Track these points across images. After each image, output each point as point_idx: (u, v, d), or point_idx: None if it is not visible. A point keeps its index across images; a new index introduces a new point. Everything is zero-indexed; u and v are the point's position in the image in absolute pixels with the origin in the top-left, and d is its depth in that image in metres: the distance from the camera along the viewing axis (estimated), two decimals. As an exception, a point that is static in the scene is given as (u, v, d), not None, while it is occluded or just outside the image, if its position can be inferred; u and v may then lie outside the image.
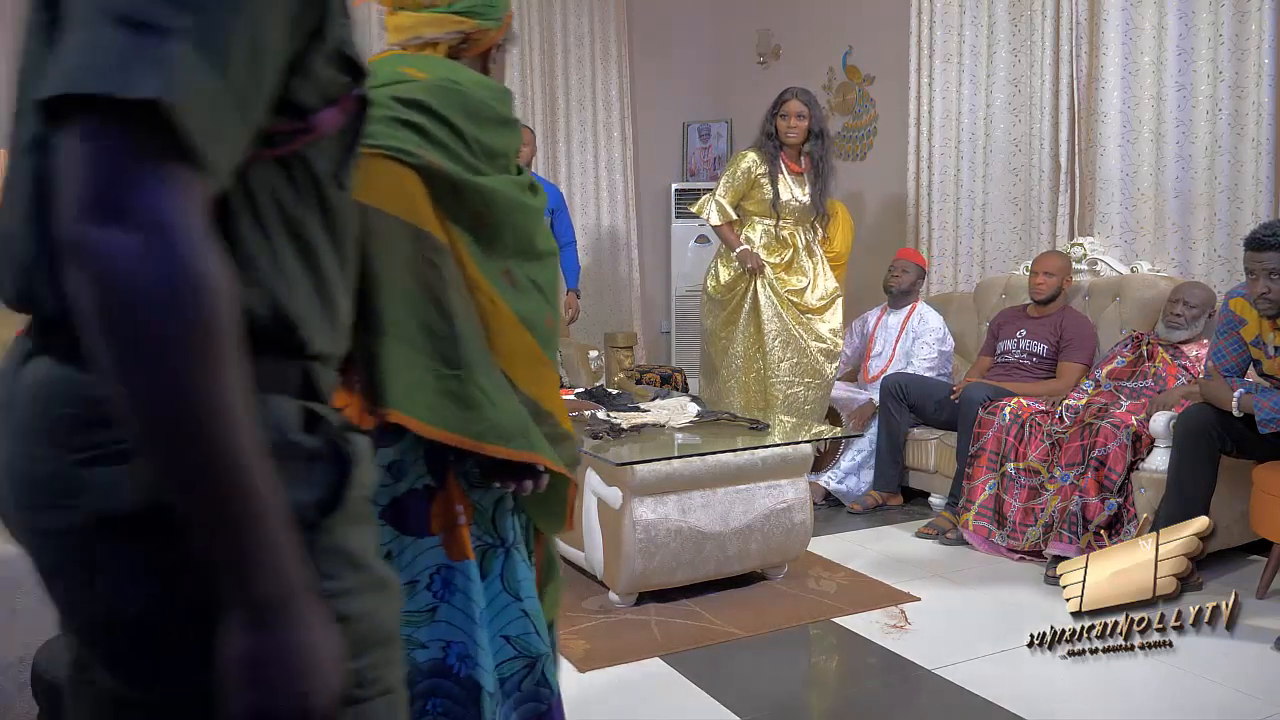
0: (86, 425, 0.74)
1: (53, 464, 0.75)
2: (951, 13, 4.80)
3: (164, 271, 0.63)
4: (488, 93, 1.41)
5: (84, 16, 0.66)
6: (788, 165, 4.27)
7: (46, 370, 0.76)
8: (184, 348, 0.64)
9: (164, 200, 0.65)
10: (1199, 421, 3.06)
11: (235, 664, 0.70)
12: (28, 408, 0.77)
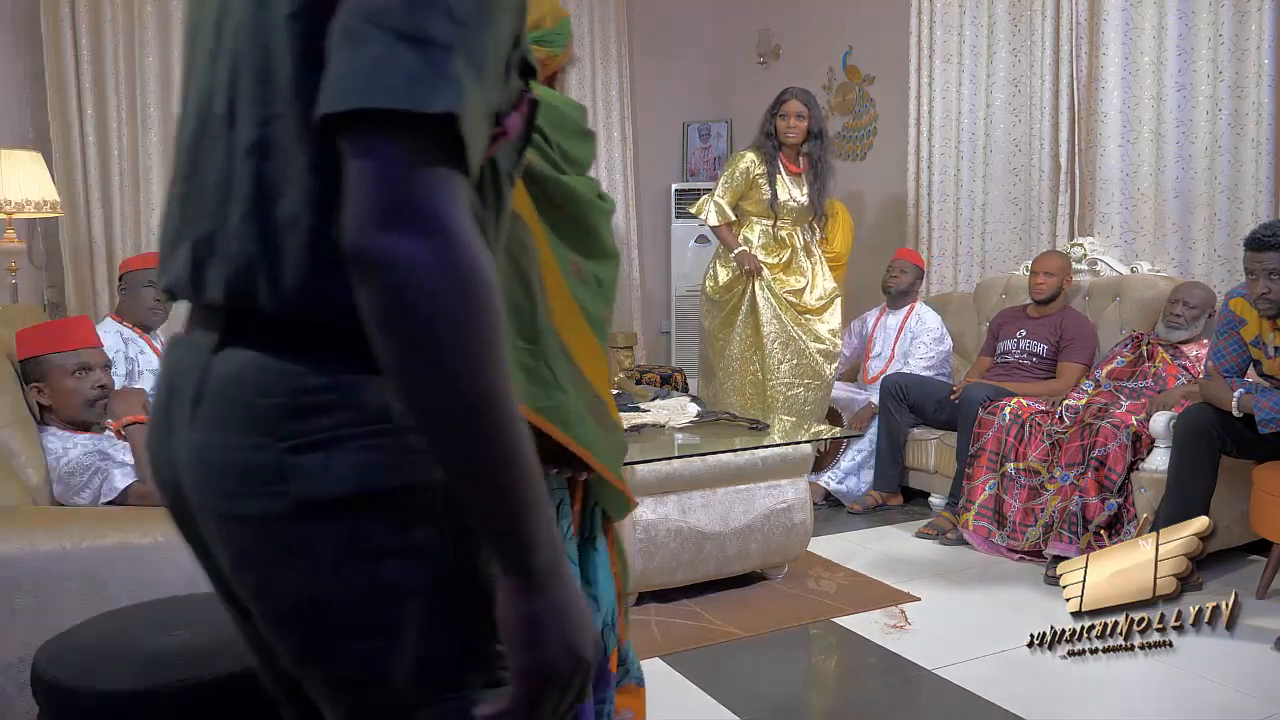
0: (294, 414, 0.77)
1: (258, 452, 0.78)
2: (951, 13, 4.80)
3: (456, 275, 0.68)
4: (570, 108, 1.55)
5: (365, 34, 0.69)
6: (786, 165, 4.27)
7: (249, 362, 0.79)
8: (474, 342, 0.69)
9: (450, 207, 0.69)
10: (1199, 421, 3.06)
11: (518, 626, 0.75)
12: (226, 399, 0.80)
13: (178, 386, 0.85)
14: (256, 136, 0.78)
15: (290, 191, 0.77)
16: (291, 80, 0.75)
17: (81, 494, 2.03)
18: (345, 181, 0.70)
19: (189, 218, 0.85)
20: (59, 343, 2.23)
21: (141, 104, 5.15)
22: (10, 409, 2.15)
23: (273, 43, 0.77)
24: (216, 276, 0.81)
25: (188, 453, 0.83)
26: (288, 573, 0.80)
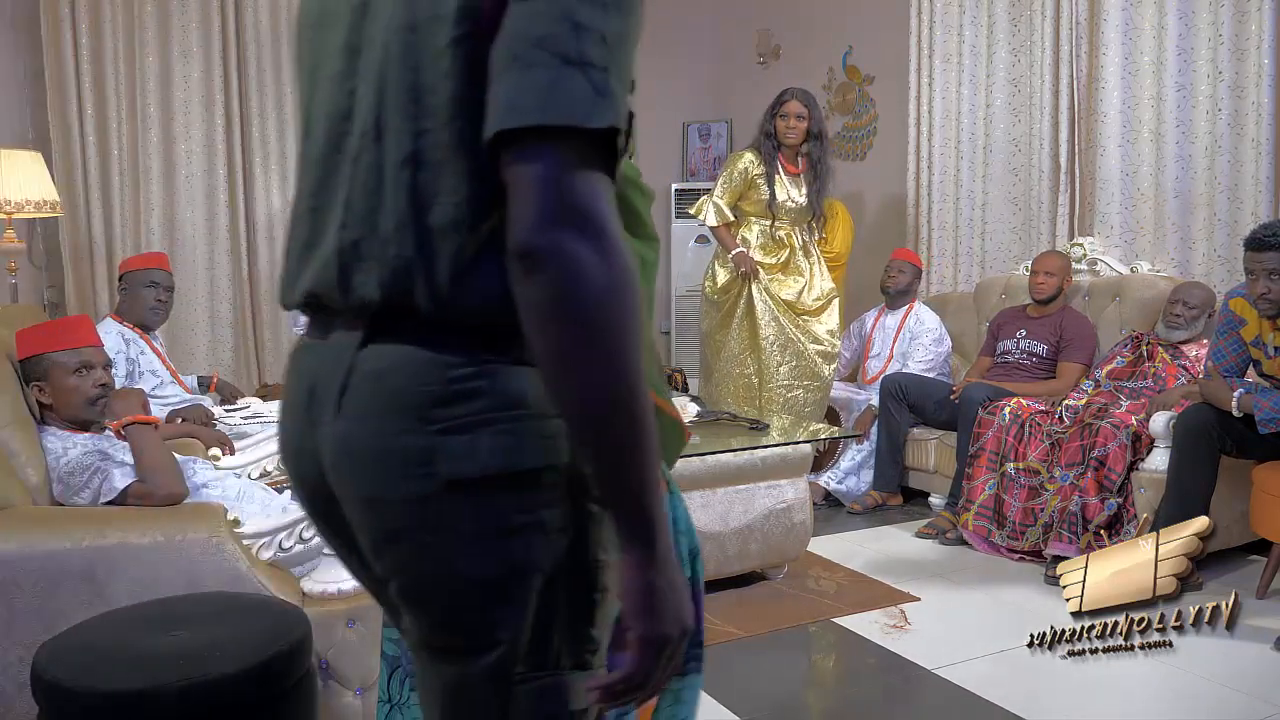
0: (444, 401, 0.84)
1: (409, 436, 0.85)
2: (951, 13, 4.80)
3: (614, 272, 0.77)
4: None
5: (533, 58, 0.78)
6: (785, 166, 4.26)
7: (401, 354, 0.86)
8: (628, 333, 0.77)
9: (607, 210, 0.79)
10: (1199, 421, 3.06)
11: (640, 595, 0.82)
12: (376, 389, 0.87)
13: (320, 384, 0.91)
14: (410, 150, 0.86)
15: (444, 199, 0.85)
16: (450, 99, 0.83)
17: (81, 494, 2.03)
18: (512, 187, 0.79)
19: (323, 228, 0.92)
20: (60, 341, 2.23)
21: (141, 104, 5.15)
22: (10, 409, 2.15)
23: (427, 66, 0.84)
24: (369, 279, 0.88)
25: (333, 442, 0.89)
26: (430, 547, 0.87)
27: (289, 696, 1.66)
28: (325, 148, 0.94)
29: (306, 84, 0.99)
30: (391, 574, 0.91)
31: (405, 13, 0.86)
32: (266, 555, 2.01)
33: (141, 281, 3.31)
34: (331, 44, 0.94)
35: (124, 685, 1.50)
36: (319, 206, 0.93)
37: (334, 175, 0.92)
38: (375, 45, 0.89)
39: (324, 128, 0.94)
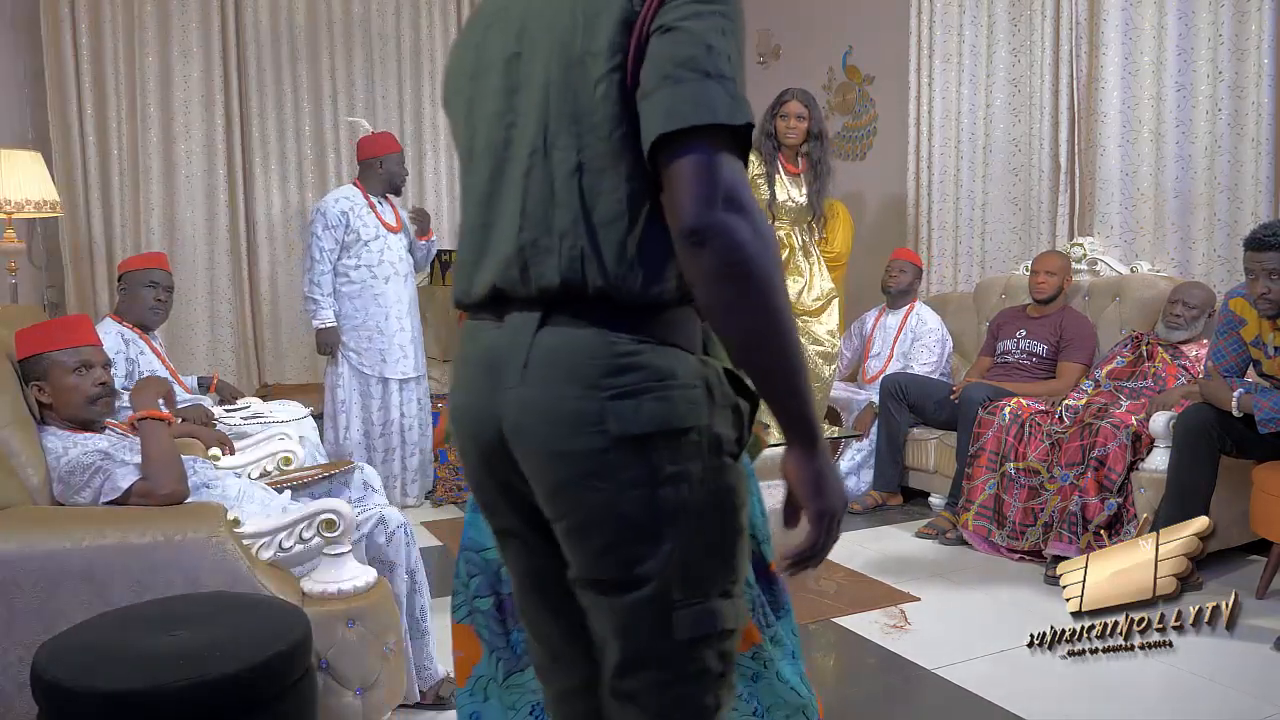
0: (612, 372, 1.04)
1: (585, 401, 1.04)
2: (951, 13, 4.80)
3: (764, 239, 0.99)
4: None
5: (681, 76, 0.98)
6: (785, 166, 4.26)
7: (575, 334, 1.07)
8: (779, 285, 1.00)
9: (748, 191, 1.01)
10: (1199, 421, 3.05)
11: (812, 480, 1.06)
12: (555, 362, 1.06)
13: (501, 358, 1.10)
14: (576, 162, 1.06)
15: (606, 197, 1.05)
16: (606, 117, 1.04)
17: (82, 493, 2.03)
18: (674, 179, 0.99)
19: (495, 238, 1.13)
20: (59, 341, 2.22)
21: (141, 104, 5.15)
22: (10, 409, 2.14)
23: (585, 93, 1.05)
24: (549, 269, 1.07)
25: (517, 406, 1.08)
26: (599, 493, 1.05)
27: (289, 696, 1.66)
28: (490, 174, 1.15)
29: (465, 126, 1.21)
30: (564, 515, 1.09)
31: (562, 54, 1.07)
32: (266, 555, 2.01)
33: (141, 281, 3.31)
34: (488, 89, 1.15)
35: (124, 685, 1.50)
36: (488, 222, 1.14)
37: (499, 195, 1.13)
38: (533, 84, 1.10)
39: (487, 159, 1.15)
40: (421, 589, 2.35)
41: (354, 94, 5.67)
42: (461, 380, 1.19)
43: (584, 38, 1.06)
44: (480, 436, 1.15)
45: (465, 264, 1.18)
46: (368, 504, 2.43)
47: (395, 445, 4.29)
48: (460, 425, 1.19)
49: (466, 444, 1.20)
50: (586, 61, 1.06)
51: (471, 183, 1.19)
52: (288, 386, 5.35)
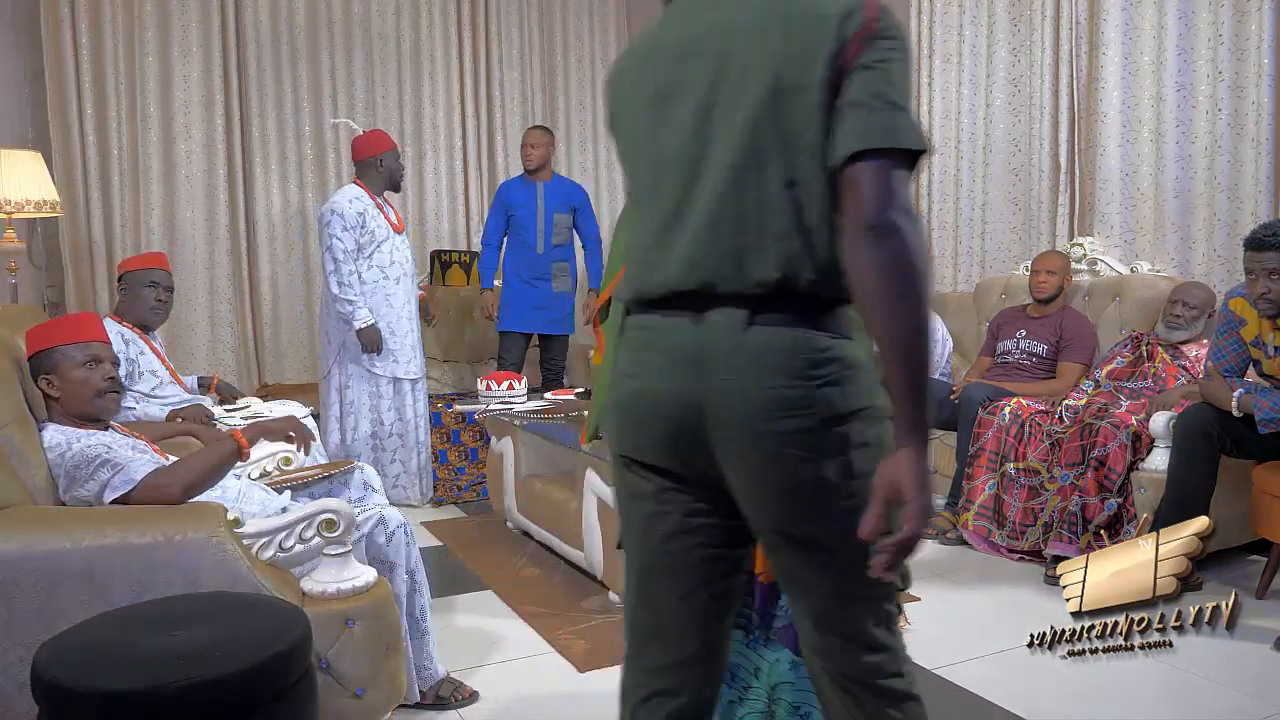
0: (816, 365, 1.24)
1: (794, 389, 1.24)
2: (951, 13, 4.80)
3: (922, 241, 1.19)
4: None
5: (873, 105, 1.19)
6: None
7: (782, 332, 1.25)
8: (928, 289, 1.19)
9: (911, 199, 1.21)
10: (1199, 421, 3.05)
11: (919, 479, 1.17)
12: (765, 357, 1.24)
13: (706, 351, 1.26)
14: (787, 177, 1.23)
15: (812, 205, 1.24)
16: (814, 138, 1.22)
17: (86, 485, 2.02)
18: (860, 186, 1.18)
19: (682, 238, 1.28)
20: (70, 335, 2.24)
21: (141, 103, 5.16)
22: (11, 408, 2.15)
23: (796, 117, 1.22)
24: (766, 267, 1.24)
25: (727, 394, 1.25)
26: (806, 463, 1.24)
27: (289, 697, 1.66)
28: (683, 185, 1.30)
29: (645, 143, 1.35)
30: (770, 485, 1.27)
31: (773, 84, 1.23)
32: (266, 555, 2.01)
33: (141, 281, 3.30)
34: (680, 111, 1.30)
35: (124, 685, 1.50)
36: (680, 226, 1.29)
37: (695, 204, 1.28)
38: (737, 108, 1.25)
39: (678, 172, 1.30)
40: (421, 589, 2.35)
41: (354, 94, 5.67)
42: (646, 369, 1.32)
43: (796, 71, 1.22)
44: (674, 419, 1.29)
45: (650, 264, 1.32)
46: (368, 504, 2.43)
47: (398, 446, 4.29)
48: (643, 409, 1.33)
49: (652, 425, 1.32)
50: (800, 92, 1.22)
51: (655, 193, 1.33)
52: (288, 386, 5.35)
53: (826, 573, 1.31)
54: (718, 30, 1.30)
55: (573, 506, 3.28)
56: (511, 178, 5.20)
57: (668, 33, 1.38)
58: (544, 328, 4.87)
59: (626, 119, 1.40)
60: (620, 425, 1.37)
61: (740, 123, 1.25)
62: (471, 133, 5.99)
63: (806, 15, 1.24)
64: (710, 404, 1.26)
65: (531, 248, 4.80)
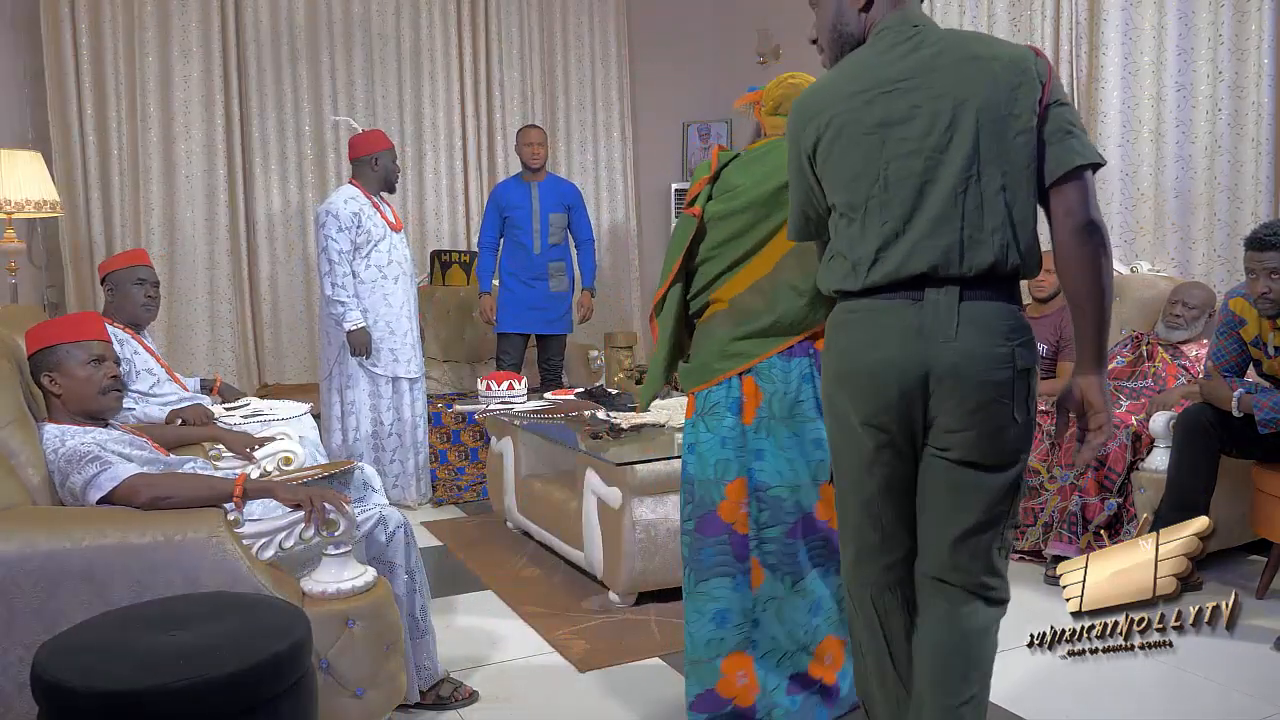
0: (1013, 330, 1.66)
1: (1001, 348, 1.65)
2: (951, 12, 4.80)
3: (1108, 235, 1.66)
4: None
5: (1070, 130, 1.64)
6: None
7: (990, 305, 1.66)
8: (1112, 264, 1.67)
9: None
10: (1199, 421, 3.05)
11: (1103, 398, 1.68)
12: (977, 324, 1.64)
13: (930, 323, 1.65)
14: (1001, 183, 1.64)
15: (1020, 206, 1.65)
16: (1024, 156, 1.65)
17: (71, 478, 2.02)
18: (1069, 195, 1.63)
19: (911, 235, 1.66)
20: (73, 333, 2.25)
21: (141, 103, 5.16)
22: (11, 408, 2.15)
23: (1009, 139, 1.64)
24: (983, 254, 1.64)
25: (953, 354, 1.64)
26: (1004, 406, 1.66)
27: (289, 696, 1.66)
28: (912, 194, 1.67)
29: (868, 162, 1.69)
30: (977, 425, 1.67)
31: (989, 114, 1.64)
32: (266, 555, 2.01)
33: (128, 280, 3.28)
34: (904, 135, 1.67)
35: (124, 685, 1.50)
36: (907, 228, 1.67)
37: (923, 208, 1.66)
38: (959, 133, 1.64)
39: (905, 185, 1.67)
40: (421, 589, 2.35)
41: (354, 94, 5.67)
42: (876, 342, 1.69)
43: (1005, 103, 1.64)
44: (904, 380, 1.67)
45: (881, 259, 1.68)
46: (368, 504, 2.43)
47: (397, 445, 4.31)
48: (876, 374, 1.69)
49: (884, 387, 1.68)
50: (1009, 120, 1.64)
51: (882, 203, 1.68)
52: (288, 386, 5.35)
53: (986, 496, 1.71)
54: (921, 71, 1.68)
55: (573, 506, 3.28)
56: (506, 178, 5.19)
57: (870, 74, 1.71)
58: (543, 328, 4.86)
59: (842, 145, 1.72)
60: (850, 389, 1.73)
61: (960, 143, 1.64)
62: (471, 133, 5.99)
63: (1000, 58, 1.66)
64: (935, 362, 1.64)
65: (528, 248, 4.78)
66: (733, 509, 2.22)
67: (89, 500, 2.00)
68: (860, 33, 1.77)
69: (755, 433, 2.23)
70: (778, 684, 2.24)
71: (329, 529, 2.02)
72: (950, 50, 1.66)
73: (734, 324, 2.22)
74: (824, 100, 1.74)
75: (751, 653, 2.24)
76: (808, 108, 1.77)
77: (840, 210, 1.74)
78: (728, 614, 2.22)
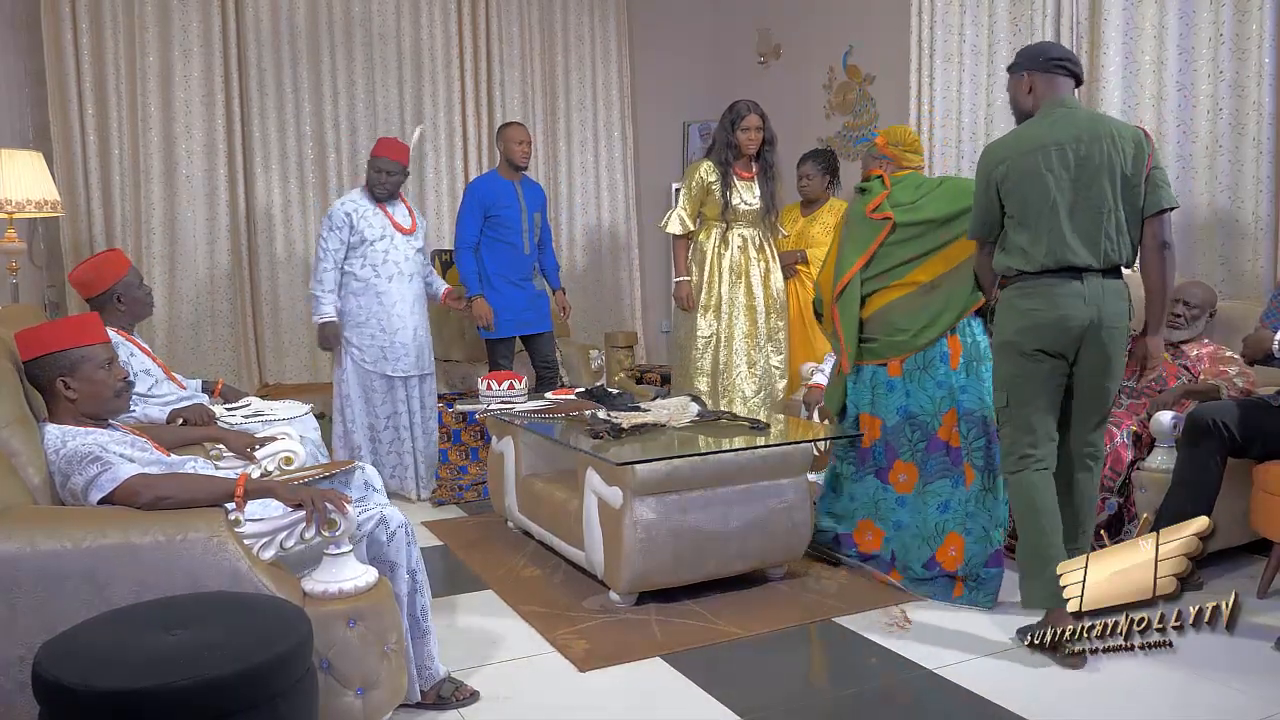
0: (1126, 299, 2.74)
1: (1124, 306, 2.74)
2: (952, 12, 4.80)
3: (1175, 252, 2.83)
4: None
5: (1161, 182, 2.71)
6: (739, 173, 4.42)
7: (1115, 284, 2.72)
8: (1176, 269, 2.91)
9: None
10: (1206, 423, 3.04)
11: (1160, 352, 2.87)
12: (1113, 294, 2.70)
13: (1091, 294, 2.67)
14: (1124, 214, 2.68)
15: (1130, 225, 2.69)
16: (1137, 200, 2.68)
17: (72, 478, 2.03)
18: (1160, 224, 2.69)
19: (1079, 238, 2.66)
20: (87, 336, 2.27)
21: (142, 103, 5.16)
22: (12, 408, 2.15)
23: (1128, 189, 2.67)
24: (1116, 255, 2.69)
25: (1103, 311, 2.66)
26: (1121, 345, 2.73)
27: (290, 696, 1.66)
28: (1067, 214, 2.67)
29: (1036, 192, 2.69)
30: (1110, 357, 2.71)
31: (1116, 170, 2.65)
32: (267, 555, 2.01)
33: (134, 285, 3.28)
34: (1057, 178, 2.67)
35: (125, 685, 1.51)
36: (1069, 235, 2.66)
37: (1076, 223, 2.66)
38: (1098, 179, 2.65)
39: (1059, 210, 2.66)
40: (422, 589, 2.35)
41: (354, 94, 5.67)
42: (1066, 301, 2.67)
43: (1130, 167, 2.66)
44: (1076, 329, 2.67)
45: (1067, 248, 2.67)
46: (369, 504, 2.43)
47: (394, 439, 4.41)
48: (1059, 325, 2.68)
49: (1064, 331, 2.68)
50: (1129, 177, 2.66)
51: (1055, 219, 2.67)
52: (288, 386, 5.35)
53: (1108, 399, 2.79)
54: (1076, 140, 2.67)
55: (573, 506, 3.28)
56: (481, 175, 5.04)
57: (1043, 135, 2.70)
58: (535, 327, 4.80)
59: (1033, 179, 2.69)
60: (1038, 333, 2.69)
61: (1104, 188, 2.66)
62: (472, 133, 5.99)
63: (1127, 138, 2.67)
64: (1096, 318, 2.67)
65: (519, 248, 4.69)
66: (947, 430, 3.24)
67: (90, 500, 2.00)
68: (1031, 109, 2.82)
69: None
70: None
71: (330, 529, 2.02)
72: (1092, 127, 2.68)
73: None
74: (1007, 151, 2.76)
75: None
76: (996, 154, 2.78)
77: (1018, 220, 2.72)
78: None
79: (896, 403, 3.26)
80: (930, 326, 3.18)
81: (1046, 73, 2.76)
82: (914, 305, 3.21)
